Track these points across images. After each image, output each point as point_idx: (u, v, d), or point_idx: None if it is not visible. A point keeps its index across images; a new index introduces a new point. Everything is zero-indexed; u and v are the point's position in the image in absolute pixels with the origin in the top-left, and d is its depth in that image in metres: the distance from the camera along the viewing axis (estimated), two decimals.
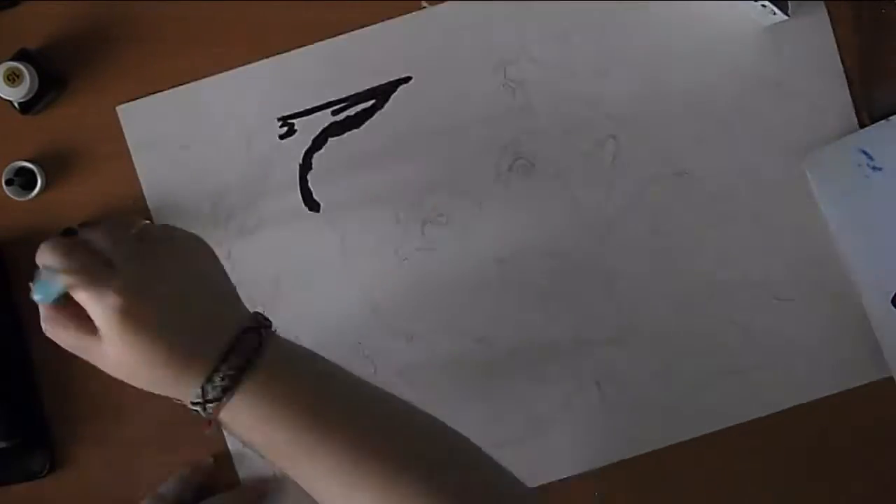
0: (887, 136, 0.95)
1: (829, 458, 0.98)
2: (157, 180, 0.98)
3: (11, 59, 0.93)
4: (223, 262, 0.88)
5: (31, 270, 0.93)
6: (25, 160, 0.96)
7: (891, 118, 0.95)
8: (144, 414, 0.99)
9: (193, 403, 0.75)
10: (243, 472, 0.98)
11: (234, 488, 0.97)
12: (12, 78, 0.93)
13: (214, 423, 0.76)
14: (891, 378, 0.96)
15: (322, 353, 0.95)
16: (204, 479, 0.97)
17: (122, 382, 0.95)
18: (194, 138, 0.98)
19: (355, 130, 0.97)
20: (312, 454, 0.76)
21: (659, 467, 0.98)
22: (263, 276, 0.98)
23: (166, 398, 0.94)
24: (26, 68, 0.93)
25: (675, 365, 0.98)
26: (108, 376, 0.95)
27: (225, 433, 0.92)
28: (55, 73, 0.96)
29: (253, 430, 0.76)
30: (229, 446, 0.98)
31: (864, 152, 0.94)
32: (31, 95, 0.94)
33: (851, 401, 0.98)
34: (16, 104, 0.95)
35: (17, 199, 0.97)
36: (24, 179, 0.97)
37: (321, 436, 0.75)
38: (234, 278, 0.95)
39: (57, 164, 0.98)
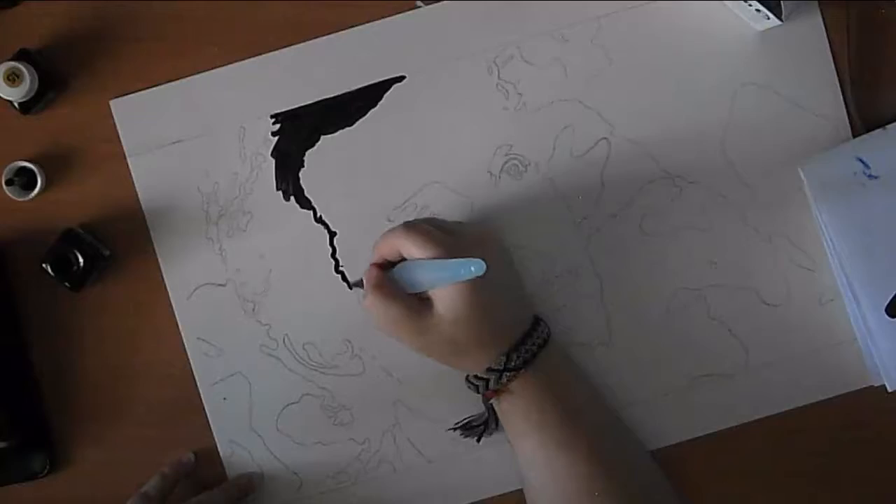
0: (884, 144, 0.95)
1: (818, 464, 0.99)
2: (149, 175, 0.98)
3: (11, 59, 0.94)
4: (214, 257, 0.92)
5: (32, 270, 0.95)
6: (25, 160, 0.97)
7: (887, 127, 0.95)
8: (144, 414, 0.99)
9: (490, 370, 0.90)
10: (231, 469, 0.99)
11: (221, 484, 0.97)
12: (12, 78, 0.93)
13: (495, 396, 0.92)
14: (882, 386, 0.96)
15: (312, 349, 0.97)
16: (185, 475, 0.98)
17: (120, 382, 0.97)
18: (187, 134, 0.98)
19: (348, 129, 0.97)
20: (556, 456, 0.91)
21: None
22: (255, 274, 0.98)
23: (167, 397, 0.96)
24: (26, 68, 0.93)
25: (664, 368, 0.98)
26: (108, 376, 0.98)
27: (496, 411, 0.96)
28: (55, 72, 0.97)
29: (528, 407, 0.92)
30: (217, 443, 0.99)
31: (861, 160, 0.94)
32: (31, 95, 0.94)
33: (842, 407, 0.98)
34: (16, 104, 0.95)
35: (17, 199, 0.97)
36: (24, 179, 0.97)
37: (571, 438, 0.91)
38: (224, 275, 0.98)
39: (57, 164, 0.98)
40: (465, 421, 0.97)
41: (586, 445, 0.90)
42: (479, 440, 0.97)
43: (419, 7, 0.97)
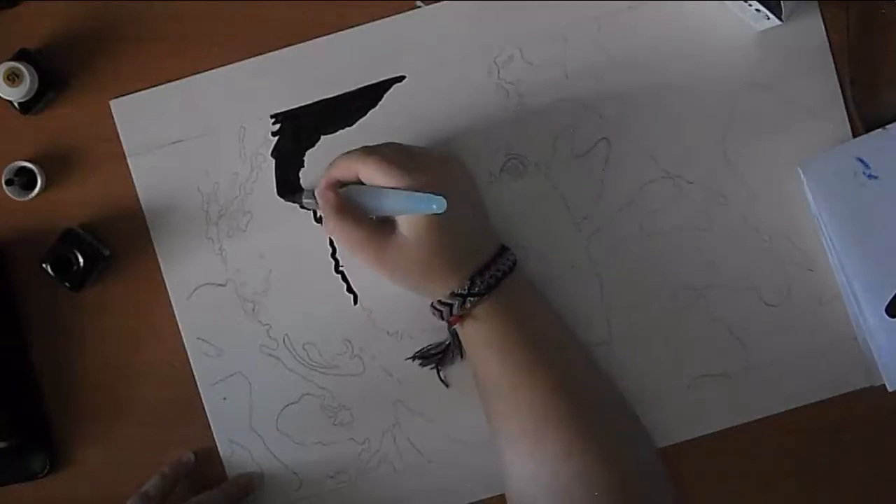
0: (884, 145, 0.95)
1: (818, 463, 0.99)
2: (149, 175, 0.98)
3: (11, 59, 0.94)
4: (214, 257, 0.92)
5: (32, 270, 0.95)
6: (25, 160, 0.97)
7: (887, 127, 0.95)
8: (144, 414, 0.99)
9: (454, 295, 0.90)
10: (231, 469, 0.99)
11: (221, 484, 0.97)
12: (12, 78, 0.93)
13: (459, 321, 0.92)
14: (882, 386, 0.97)
15: (312, 349, 0.97)
16: (185, 474, 0.98)
17: (120, 382, 0.97)
18: (187, 134, 0.98)
19: (348, 128, 0.97)
20: (519, 384, 0.90)
21: None
22: (255, 274, 0.98)
23: (167, 397, 0.96)
24: (26, 68, 0.93)
25: (664, 368, 0.98)
26: (108, 376, 0.97)
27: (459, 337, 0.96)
28: (55, 72, 0.96)
29: (492, 333, 0.91)
30: (217, 443, 0.99)
31: (861, 160, 0.95)
32: (31, 95, 0.94)
33: (842, 407, 0.98)
34: (16, 104, 0.95)
35: (17, 199, 0.97)
36: (24, 179, 0.97)
37: (535, 365, 0.90)
38: (224, 275, 0.98)
39: (57, 164, 0.98)
40: (425, 349, 0.98)
41: (550, 373, 0.90)
42: (438, 369, 0.98)
43: (419, 7, 0.97)
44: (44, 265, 0.95)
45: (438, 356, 0.98)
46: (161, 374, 0.99)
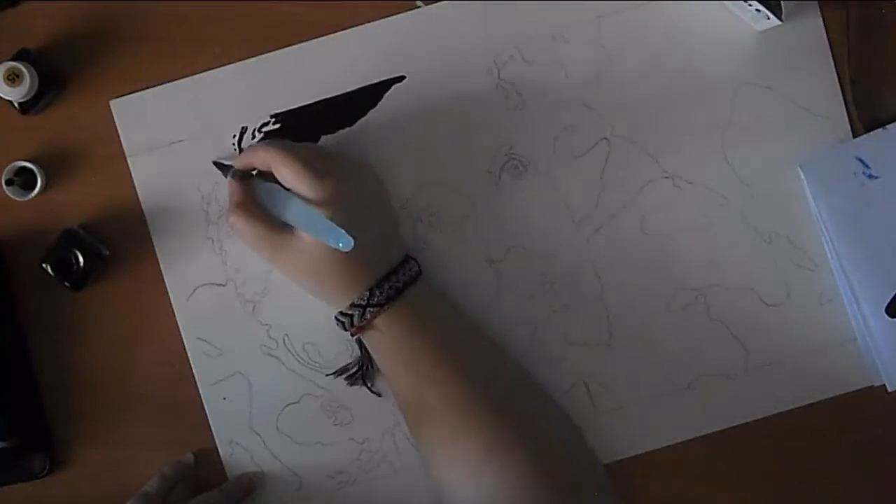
0: (884, 144, 0.95)
1: (818, 463, 0.99)
2: (149, 175, 0.98)
3: (11, 59, 0.93)
4: (214, 257, 0.92)
5: (32, 270, 0.95)
6: (25, 160, 0.97)
7: (887, 127, 0.96)
8: (144, 414, 0.99)
9: (354, 306, 0.89)
10: (231, 469, 0.99)
11: (222, 485, 0.97)
12: (12, 78, 0.93)
13: (361, 332, 0.90)
14: (882, 386, 0.97)
15: (312, 349, 0.97)
16: (185, 475, 0.98)
17: (120, 382, 0.97)
18: (187, 134, 0.98)
19: (348, 128, 0.97)
20: (429, 394, 0.90)
21: (647, 470, 0.99)
22: (254, 273, 0.98)
23: (167, 397, 0.96)
24: (26, 68, 0.93)
25: (664, 368, 0.98)
26: (108, 376, 0.97)
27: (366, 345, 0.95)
28: (55, 73, 0.96)
29: (395, 344, 0.91)
30: (217, 443, 0.99)
31: (861, 160, 0.95)
32: (31, 95, 0.94)
33: (842, 407, 0.98)
34: (16, 104, 0.95)
35: (17, 199, 0.97)
36: (24, 179, 0.97)
37: (443, 375, 0.90)
38: (225, 274, 0.98)
39: (57, 164, 0.98)
40: (345, 366, 0.98)
41: (460, 382, 0.90)
42: (365, 384, 0.98)
43: (419, 7, 0.97)
44: (44, 265, 0.95)
45: (359, 371, 0.98)
46: (161, 374, 0.99)
